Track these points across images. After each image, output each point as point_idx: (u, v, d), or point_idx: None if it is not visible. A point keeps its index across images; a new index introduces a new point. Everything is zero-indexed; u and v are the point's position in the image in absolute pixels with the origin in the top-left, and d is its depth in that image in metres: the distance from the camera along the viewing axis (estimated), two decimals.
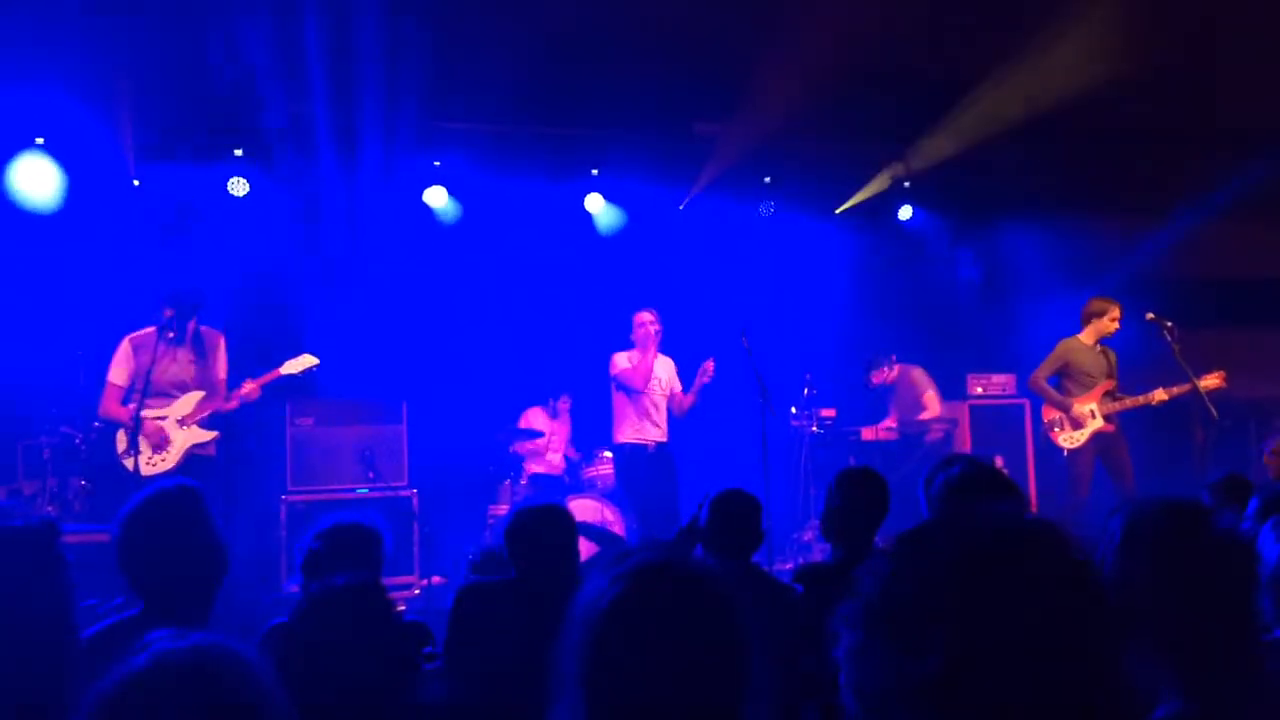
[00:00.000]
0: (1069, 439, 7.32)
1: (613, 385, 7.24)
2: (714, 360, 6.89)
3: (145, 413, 5.78)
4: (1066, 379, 7.42)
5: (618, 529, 7.09)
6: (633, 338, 7.15)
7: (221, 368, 6.19)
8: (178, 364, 5.99)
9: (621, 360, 7.15)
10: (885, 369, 8.47)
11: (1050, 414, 7.43)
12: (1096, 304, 7.41)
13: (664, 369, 7.23)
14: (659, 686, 1.33)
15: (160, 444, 5.91)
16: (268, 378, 6.22)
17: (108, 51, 6.46)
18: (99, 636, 2.40)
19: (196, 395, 5.99)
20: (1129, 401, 7.24)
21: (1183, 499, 1.69)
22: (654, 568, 1.41)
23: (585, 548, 4.26)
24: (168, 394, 5.95)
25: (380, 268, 8.24)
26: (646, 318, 7.08)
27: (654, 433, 7.13)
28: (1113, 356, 7.43)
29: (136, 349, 5.96)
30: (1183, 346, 6.98)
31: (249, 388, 6.12)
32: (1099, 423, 7.27)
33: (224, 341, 6.24)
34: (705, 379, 6.90)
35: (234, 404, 6.08)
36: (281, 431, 7.26)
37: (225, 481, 6.22)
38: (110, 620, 2.47)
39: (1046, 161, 8.68)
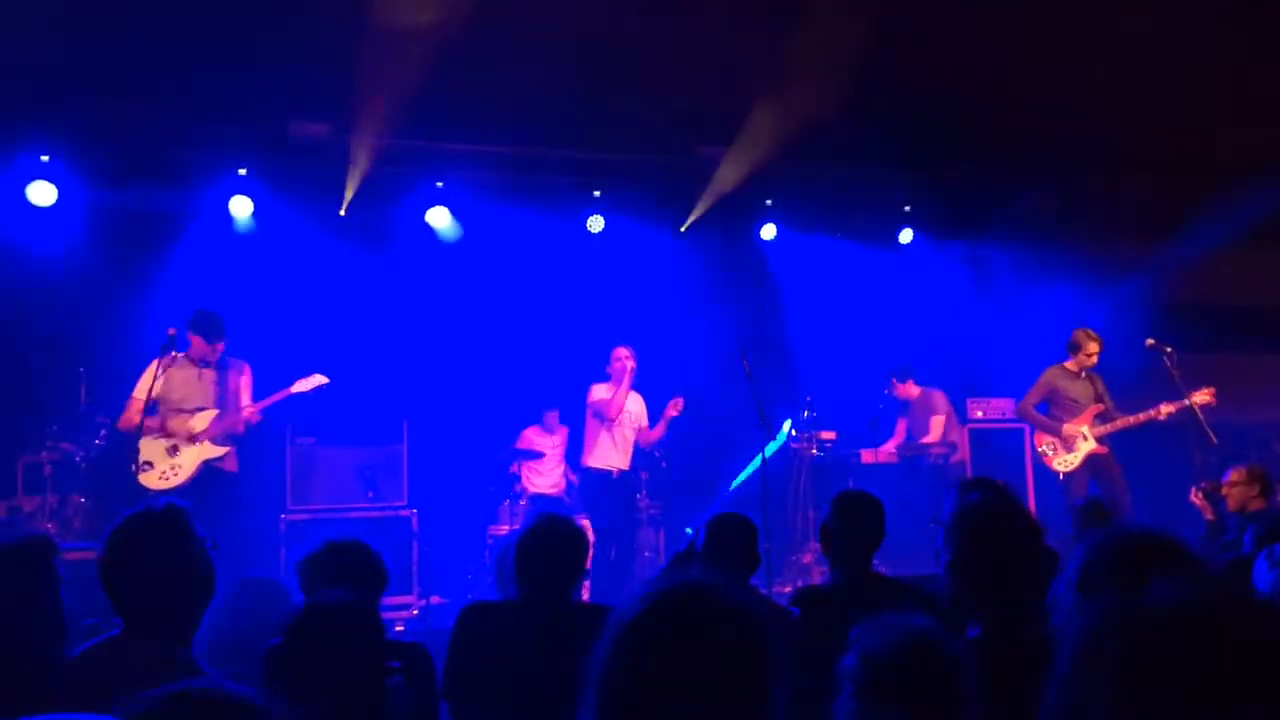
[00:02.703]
0: (1063, 462, 7.35)
1: (589, 412, 7.54)
2: (683, 399, 7.31)
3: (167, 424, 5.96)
4: (1054, 406, 7.49)
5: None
6: (609, 370, 7.48)
7: (245, 396, 6.26)
8: (201, 384, 6.05)
9: (599, 391, 7.49)
10: (912, 384, 8.45)
11: (1043, 440, 7.46)
12: (1078, 337, 7.49)
13: (635, 404, 7.56)
14: (676, 705, 1.33)
15: (176, 447, 5.97)
16: (278, 396, 6.27)
17: (104, 64, 6.49)
18: (81, 656, 2.38)
19: (210, 413, 6.05)
20: (1130, 419, 7.25)
21: (1149, 530, 1.68)
22: (684, 587, 1.42)
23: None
24: (185, 412, 6.01)
25: (382, 288, 8.26)
26: (623, 353, 7.39)
27: (619, 460, 7.45)
28: (1100, 383, 7.46)
29: (162, 368, 6.02)
30: (1182, 371, 7.00)
31: (256, 408, 6.20)
32: (1091, 444, 7.30)
33: (249, 371, 6.33)
34: (674, 413, 7.32)
35: (252, 419, 6.16)
36: (282, 449, 7.27)
37: (240, 495, 6.25)
38: (92, 641, 2.43)
39: (1047, 185, 8.70)
